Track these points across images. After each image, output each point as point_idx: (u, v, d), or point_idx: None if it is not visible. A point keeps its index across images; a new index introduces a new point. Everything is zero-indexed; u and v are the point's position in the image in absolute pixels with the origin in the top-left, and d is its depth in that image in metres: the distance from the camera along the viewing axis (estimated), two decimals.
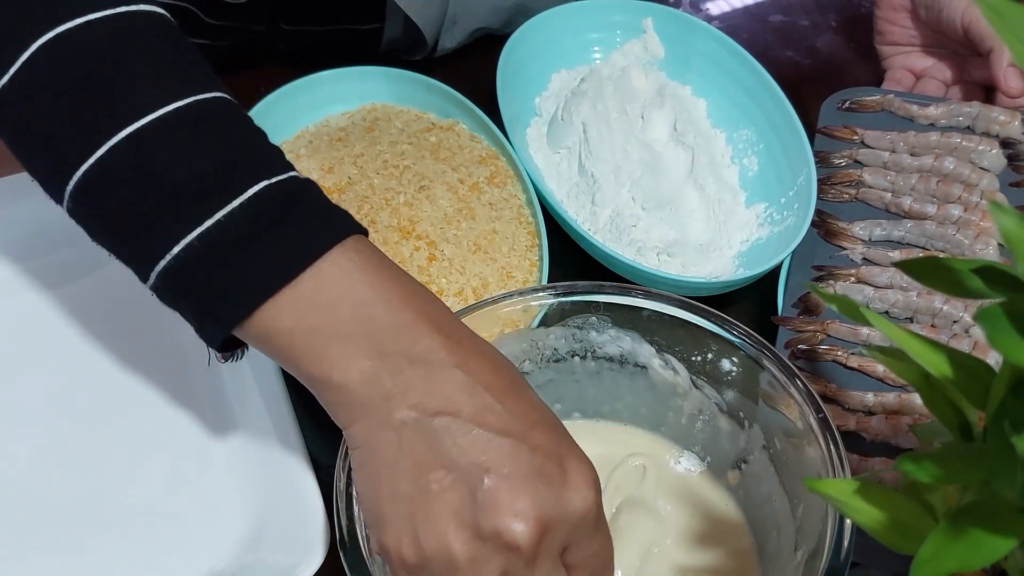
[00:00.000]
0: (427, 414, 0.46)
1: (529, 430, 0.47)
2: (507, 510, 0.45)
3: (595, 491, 0.47)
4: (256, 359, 0.67)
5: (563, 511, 0.46)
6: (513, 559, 0.46)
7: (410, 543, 0.46)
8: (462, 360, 0.47)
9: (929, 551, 0.36)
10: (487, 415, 0.46)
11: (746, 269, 0.74)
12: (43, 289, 0.72)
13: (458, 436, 0.46)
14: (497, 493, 0.45)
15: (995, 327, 0.33)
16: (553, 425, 0.49)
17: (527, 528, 0.45)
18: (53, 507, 0.63)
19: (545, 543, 0.46)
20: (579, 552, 0.48)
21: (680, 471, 0.62)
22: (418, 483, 0.46)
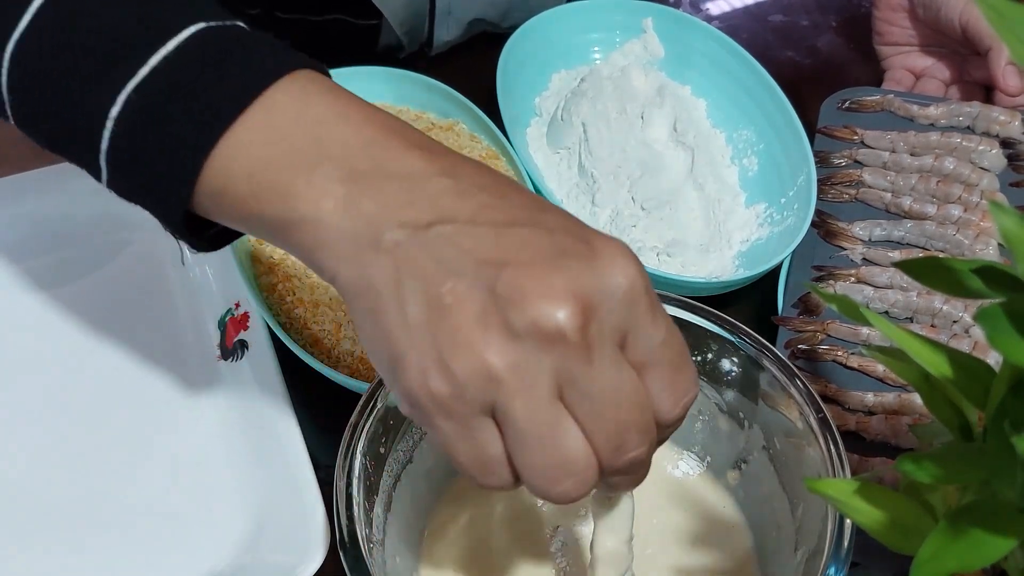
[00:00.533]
0: (420, 227, 0.39)
1: (541, 215, 0.40)
2: (537, 294, 0.38)
3: (634, 263, 0.40)
4: (256, 359, 0.67)
5: (603, 285, 0.39)
6: (563, 353, 0.38)
7: (437, 372, 0.38)
8: (446, 167, 0.41)
9: (929, 551, 0.36)
10: (488, 212, 0.40)
11: (746, 269, 0.74)
12: (43, 289, 0.72)
13: (460, 240, 0.39)
14: (521, 280, 0.38)
15: (995, 327, 0.33)
16: (565, 212, 0.42)
17: (567, 308, 0.38)
18: (53, 507, 0.63)
19: (594, 326, 0.38)
20: (642, 342, 0.40)
21: (680, 472, 0.62)
22: (429, 302, 0.39)
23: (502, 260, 0.38)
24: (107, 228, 0.75)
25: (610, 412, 0.40)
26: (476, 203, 0.40)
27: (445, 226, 0.39)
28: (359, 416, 0.54)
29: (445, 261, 0.39)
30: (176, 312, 0.71)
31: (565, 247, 0.39)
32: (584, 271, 0.39)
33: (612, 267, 0.39)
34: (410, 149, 0.41)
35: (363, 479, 0.53)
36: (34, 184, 0.74)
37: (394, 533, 0.55)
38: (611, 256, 0.39)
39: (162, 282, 0.73)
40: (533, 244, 0.39)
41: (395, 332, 0.39)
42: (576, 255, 0.39)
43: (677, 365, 0.41)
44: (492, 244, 0.39)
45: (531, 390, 0.38)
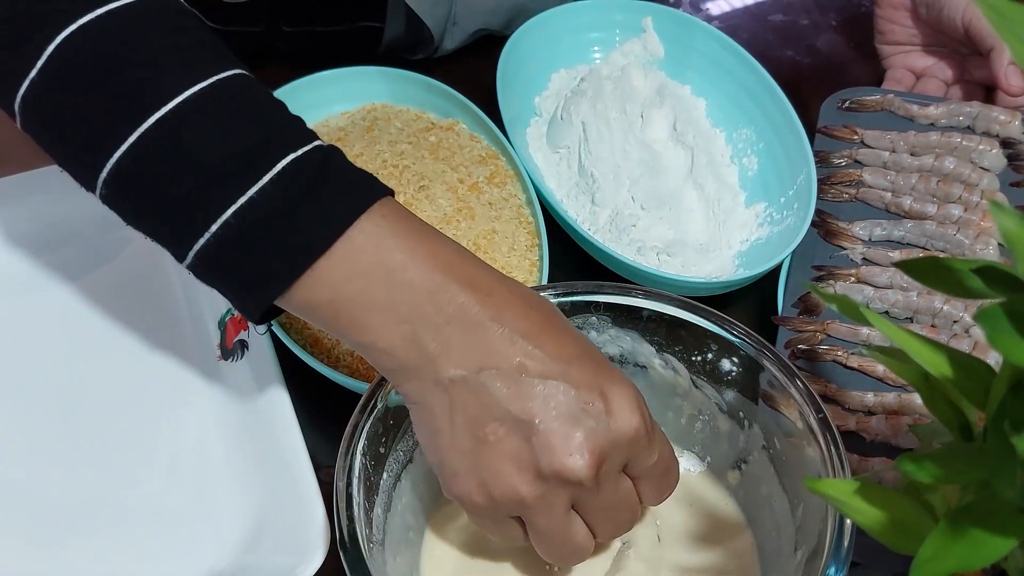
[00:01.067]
0: (472, 370, 0.49)
1: (568, 368, 0.49)
2: (562, 450, 0.48)
3: (638, 411, 0.50)
4: (256, 359, 0.67)
5: (613, 438, 0.49)
6: (578, 490, 0.49)
7: (479, 491, 0.50)
8: (495, 312, 0.49)
9: (929, 551, 0.36)
10: (527, 362, 0.49)
11: (746, 269, 0.74)
12: (43, 289, 0.72)
13: (504, 387, 0.49)
14: (550, 436, 0.48)
15: (995, 327, 0.33)
16: (589, 355, 0.51)
17: (584, 462, 0.48)
18: (53, 506, 0.63)
19: (604, 469, 0.49)
20: (638, 465, 0.51)
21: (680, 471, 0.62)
22: (475, 437, 0.49)
23: (535, 413, 0.48)
24: (107, 228, 0.74)
25: (611, 516, 0.52)
26: (518, 351, 0.49)
27: (491, 373, 0.49)
28: (359, 416, 0.54)
29: (490, 406, 0.49)
30: (176, 312, 0.71)
31: (586, 403, 0.49)
32: (598, 428, 0.49)
33: (621, 420, 0.49)
34: (467, 291, 0.49)
35: (363, 479, 0.53)
36: (34, 184, 0.74)
37: (394, 533, 0.55)
38: (620, 411, 0.49)
39: (162, 282, 0.73)
40: (561, 401, 0.49)
41: (448, 452, 0.50)
42: (594, 412, 0.49)
43: (665, 472, 0.53)
44: (528, 395, 0.49)
45: (550, 510, 0.50)
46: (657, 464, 0.52)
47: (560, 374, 0.49)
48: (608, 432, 0.49)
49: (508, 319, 0.49)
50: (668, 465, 0.54)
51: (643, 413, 0.51)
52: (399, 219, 0.50)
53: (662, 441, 0.53)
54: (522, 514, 0.50)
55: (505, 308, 0.50)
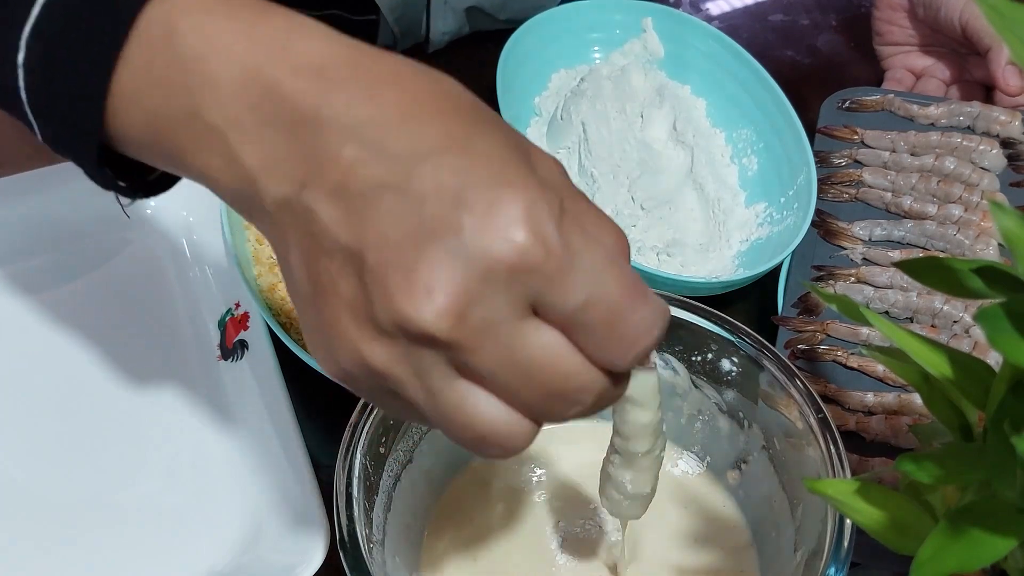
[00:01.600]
0: (295, 187, 0.36)
1: (418, 166, 0.34)
2: (401, 291, 0.34)
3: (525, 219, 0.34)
4: (256, 359, 0.67)
5: (479, 267, 0.34)
6: (440, 349, 0.35)
7: (327, 358, 0.37)
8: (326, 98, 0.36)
9: (929, 551, 0.36)
10: (360, 167, 0.35)
11: (746, 269, 0.74)
12: (43, 289, 0.72)
13: (330, 206, 0.35)
14: (384, 271, 0.34)
15: (995, 327, 0.33)
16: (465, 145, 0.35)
17: (434, 308, 0.34)
18: (53, 507, 0.63)
19: (476, 316, 0.34)
20: (557, 308, 0.35)
21: (679, 471, 0.62)
22: (310, 280, 0.36)
23: (363, 244, 0.34)
24: (107, 228, 0.75)
25: (522, 385, 0.36)
26: (355, 151, 0.35)
27: (315, 187, 0.35)
28: (359, 416, 0.54)
29: (316, 236, 0.35)
30: (176, 312, 0.71)
31: (437, 218, 0.34)
32: (456, 254, 0.34)
33: (492, 237, 0.34)
34: (293, 76, 0.36)
35: (363, 479, 0.53)
36: (34, 184, 0.74)
37: (394, 533, 0.55)
38: (492, 220, 0.34)
39: (162, 282, 0.73)
40: (396, 219, 0.34)
41: (295, 306, 0.38)
42: (449, 229, 0.34)
43: (616, 313, 0.36)
44: (357, 217, 0.35)
45: (419, 378, 0.36)
46: (591, 304, 0.35)
47: (402, 175, 0.34)
48: (469, 260, 0.34)
49: (343, 105, 0.35)
50: (614, 307, 0.35)
51: (538, 222, 0.34)
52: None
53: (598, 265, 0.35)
54: (387, 387, 0.36)
55: (341, 89, 0.36)
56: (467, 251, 0.34)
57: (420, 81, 0.37)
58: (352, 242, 0.35)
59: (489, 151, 0.35)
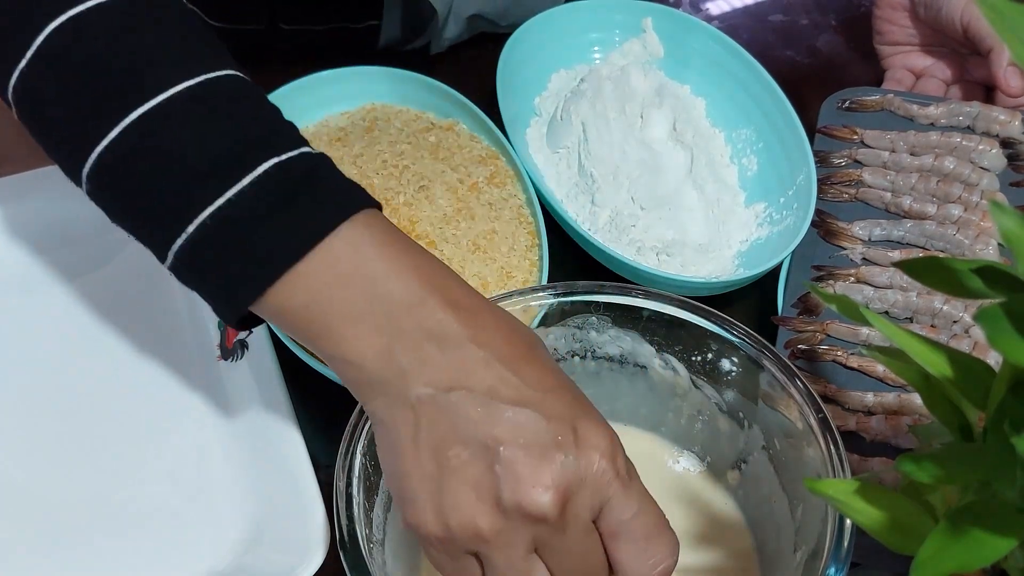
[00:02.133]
0: (442, 389, 0.46)
1: (543, 398, 0.46)
2: (527, 481, 0.45)
3: (610, 451, 0.46)
4: (256, 359, 0.67)
5: (582, 474, 0.46)
6: (541, 528, 0.46)
7: (435, 519, 0.46)
8: (475, 333, 0.47)
9: (929, 551, 0.36)
10: (500, 387, 0.46)
11: (746, 269, 0.74)
12: (43, 289, 0.72)
13: (472, 410, 0.46)
14: (515, 465, 0.45)
15: (995, 327, 0.33)
16: (568, 389, 0.48)
17: (549, 497, 0.45)
18: (52, 507, 0.63)
19: (571, 509, 0.46)
20: (613, 516, 0.47)
21: (679, 471, 0.62)
22: (437, 460, 0.46)
23: (502, 439, 0.45)
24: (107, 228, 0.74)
25: (576, 565, 0.47)
26: (493, 375, 0.46)
27: (461, 393, 0.46)
28: (359, 416, 0.54)
29: (457, 428, 0.46)
30: (176, 312, 0.72)
31: (557, 436, 0.46)
32: (568, 463, 0.45)
33: (591, 456, 0.46)
34: (448, 309, 0.47)
35: (363, 479, 0.53)
36: (34, 184, 0.74)
37: (394, 533, 0.55)
38: (590, 447, 0.46)
39: (162, 282, 0.73)
40: (531, 430, 0.45)
41: (408, 475, 0.47)
42: (564, 446, 0.45)
43: (649, 535, 0.48)
44: (497, 421, 0.46)
45: (510, 548, 0.46)
46: (636, 521, 0.47)
47: (533, 402, 0.46)
48: (577, 468, 0.46)
49: (487, 341, 0.47)
50: (651, 528, 0.48)
51: (615, 454, 0.47)
52: (383, 230, 0.49)
53: (643, 498, 0.48)
54: (480, 549, 0.47)
55: (486, 330, 0.47)
56: (577, 463, 0.46)
57: (525, 332, 0.49)
58: (488, 439, 0.45)
59: (577, 393, 0.49)
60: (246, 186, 0.47)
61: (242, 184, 0.47)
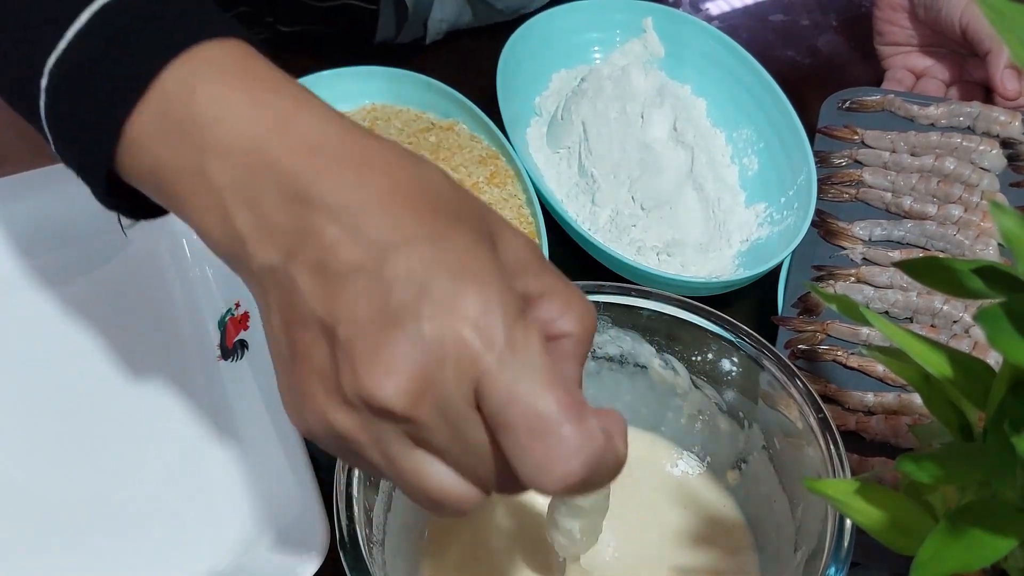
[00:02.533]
0: (281, 258, 0.38)
1: (392, 253, 0.37)
2: (364, 368, 0.36)
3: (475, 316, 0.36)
4: (256, 359, 0.67)
5: (435, 350, 0.36)
6: (399, 423, 0.37)
7: (296, 415, 0.40)
8: (318, 177, 0.38)
9: (929, 551, 0.36)
10: (341, 248, 0.37)
11: (746, 269, 0.74)
12: (43, 289, 0.72)
13: (310, 281, 0.38)
14: (351, 348, 0.37)
15: (995, 327, 0.33)
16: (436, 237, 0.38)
17: (393, 385, 0.36)
18: (52, 507, 0.63)
19: (431, 395, 0.37)
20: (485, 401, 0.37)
21: (679, 471, 0.62)
22: (288, 344, 0.39)
23: (338, 320, 0.37)
24: (107, 228, 0.74)
25: (469, 463, 0.38)
26: (336, 233, 0.37)
27: (298, 261, 0.38)
28: None
29: (295, 306, 0.38)
30: (176, 312, 0.71)
31: (402, 305, 0.36)
32: (415, 340, 0.36)
33: (448, 323, 0.36)
34: (297, 155, 0.39)
35: (363, 479, 0.53)
36: (34, 184, 0.74)
37: (394, 533, 0.55)
38: (449, 310, 0.36)
39: (162, 282, 0.73)
40: (366, 302, 0.37)
41: (274, 363, 0.41)
42: (412, 316, 0.36)
43: (534, 427, 0.37)
44: (333, 294, 0.37)
45: (380, 445, 0.38)
46: (514, 409, 0.36)
47: (376, 261, 0.37)
48: (425, 343, 0.36)
49: (333, 186, 0.38)
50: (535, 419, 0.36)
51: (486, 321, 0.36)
52: (229, 63, 0.40)
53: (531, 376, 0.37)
54: (350, 448, 0.39)
55: (332, 171, 0.38)
56: (424, 338, 0.36)
57: (405, 169, 0.39)
58: (326, 316, 0.37)
59: (457, 244, 0.38)
60: (84, 25, 0.41)
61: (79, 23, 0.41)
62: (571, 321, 0.41)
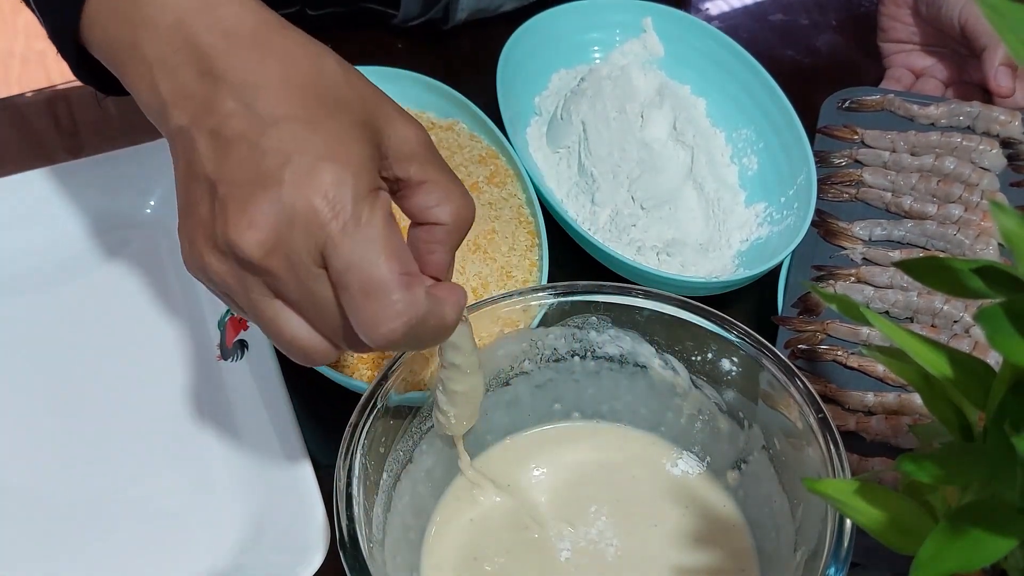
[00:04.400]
0: (188, 123, 0.45)
1: (272, 127, 0.44)
2: (232, 220, 0.43)
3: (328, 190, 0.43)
4: (256, 359, 0.67)
5: (290, 214, 0.43)
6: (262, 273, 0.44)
7: (189, 260, 0.46)
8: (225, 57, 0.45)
9: (929, 551, 0.36)
10: (233, 119, 0.44)
11: (746, 269, 0.74)
12: (43, 289, 0.72)
13: (206, 143, 0.44)
14: (226, 204, 0.43)
15: (995, 327, 0.33)
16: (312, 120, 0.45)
17: (251, 237, 0.43)
18: (52, 507, 0.63)
19: (282, 252, 0.43)
20: (330, 264, 0.44)
21: (679, 471, 0.62)
22: (185, 197, 0.46)
23: (220, 179, 0.44)
24: (107, 228, 0.75)
25: (317, 317, 0.45)
26: (232, 107, 0.44)
27: (200, 126, 0.45)
28: (359, 416, 0.54)
29: (192, 164, 0.45)
30: (176, 312, 0.72)
31: (270, 171, 0.43)
32: (275, 202, 0.43)
33: (302, 193, 0.43)
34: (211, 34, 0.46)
35: (363, 479, 0.53)
36: (34, 184, 0.74)
37: (394, 533, 0.55)
38: (307, 182, 0.43)
39: (162, 282, 0.73)
40: (247, 165, 0.43)
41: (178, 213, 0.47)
42: (276, 182, 0.43)
43: (368, 290, 0.43)
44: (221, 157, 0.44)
45: (245, 291, 0.45)
46: (351, 275, 0.43)
47: (257, 132, 0.44)
48: (282, 206, 0.43)
49: (237, 65, 0.45)
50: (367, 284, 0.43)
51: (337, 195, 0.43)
52: None
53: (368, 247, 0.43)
54: (226, 292, 0.46)
55: (239, 53, 0.45)
56: (282, 202, 0.43)
57: (304, 58, 0.46)
58: (212, 174, 0.44)
59: (329, 128, 0.44)
60: None
61: None
62: (447, 211, 0.48)
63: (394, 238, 0.44)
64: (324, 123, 0.45)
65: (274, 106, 0.44)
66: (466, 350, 0.53)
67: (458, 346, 0.52)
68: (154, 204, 0.75)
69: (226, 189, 0.43)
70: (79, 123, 0.84)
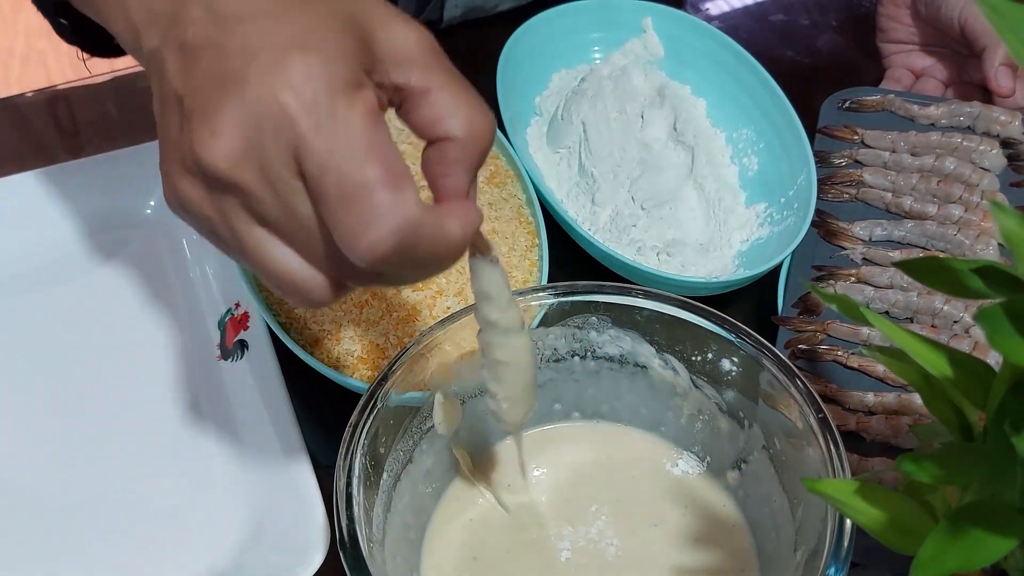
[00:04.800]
0: (160, 40, 0.42)
1: (233, 27, 0.39)
2: (197, 132, 0.38)
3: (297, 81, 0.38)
4: (256, 359, 0.67)
5: (256, 115, 0.38)
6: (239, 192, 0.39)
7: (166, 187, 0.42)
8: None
9: (929, 551, 0.36)
10: (197, 26, 0.40)
11: (746, 269, 0.74)
12: (43, 289, 0.72)
13: (172, 58, 0.41)
14: (191, 117, 0.39)
15: (995, 327, 0.33)
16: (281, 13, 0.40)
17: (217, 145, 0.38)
18: (52, 507, 0.63)
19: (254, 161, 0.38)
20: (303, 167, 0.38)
21: (679, 471, 0.62)
22: (160, 124, 0.42)
23: (185, 93, 0.39)
24: (107, 227, 0.75)
25: (306, 241, 0.39)
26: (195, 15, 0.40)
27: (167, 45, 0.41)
28: (359, 416, 0.54)
29: (162, 83, 0.41)
30: (176, 312, 0.72)
31: (233, 72, 0.38)
32: (239, 103, 0.38)
33: (267, 88, 0.37)
34: None
35: (363, 479, 0.53)
36: (34, 184, 0.74)
37: (394, 533, 0.55)
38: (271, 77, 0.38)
39: (162, 282, 0.73)
40: (211, 71, 0.39)
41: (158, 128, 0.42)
42: (239, 82, 0.38)
43: (347, 195, 0.37)
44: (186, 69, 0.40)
45: (223, 220, 0.40)
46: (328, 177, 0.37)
47: (222, 34, 0.39)
48: (246, 107, 0.38)
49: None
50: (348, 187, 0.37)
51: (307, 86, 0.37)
52: None
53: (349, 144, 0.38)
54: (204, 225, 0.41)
55: None
56: (246, 102, 0.38)
57: None
58: (179, 89, 0.40)
59: (299, 20, 0.39)
60: None
61: None
62: (458, 124, 0.41)
63: (378, 135, 0.38)
64: (292, 14, 0.39)
65: (241, 4, 0.40)
66: (501, 301, 0.46)
67: (490, 295, 0.45)
68: (154, 204, 0.75)
69: (191, 103, 0.39)
70: (79, 123, 0.84)
